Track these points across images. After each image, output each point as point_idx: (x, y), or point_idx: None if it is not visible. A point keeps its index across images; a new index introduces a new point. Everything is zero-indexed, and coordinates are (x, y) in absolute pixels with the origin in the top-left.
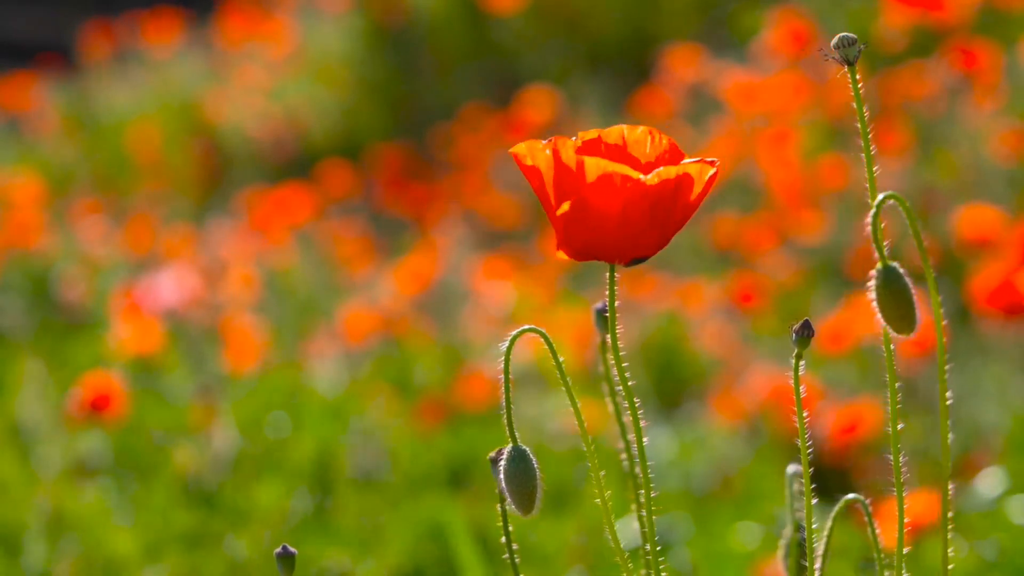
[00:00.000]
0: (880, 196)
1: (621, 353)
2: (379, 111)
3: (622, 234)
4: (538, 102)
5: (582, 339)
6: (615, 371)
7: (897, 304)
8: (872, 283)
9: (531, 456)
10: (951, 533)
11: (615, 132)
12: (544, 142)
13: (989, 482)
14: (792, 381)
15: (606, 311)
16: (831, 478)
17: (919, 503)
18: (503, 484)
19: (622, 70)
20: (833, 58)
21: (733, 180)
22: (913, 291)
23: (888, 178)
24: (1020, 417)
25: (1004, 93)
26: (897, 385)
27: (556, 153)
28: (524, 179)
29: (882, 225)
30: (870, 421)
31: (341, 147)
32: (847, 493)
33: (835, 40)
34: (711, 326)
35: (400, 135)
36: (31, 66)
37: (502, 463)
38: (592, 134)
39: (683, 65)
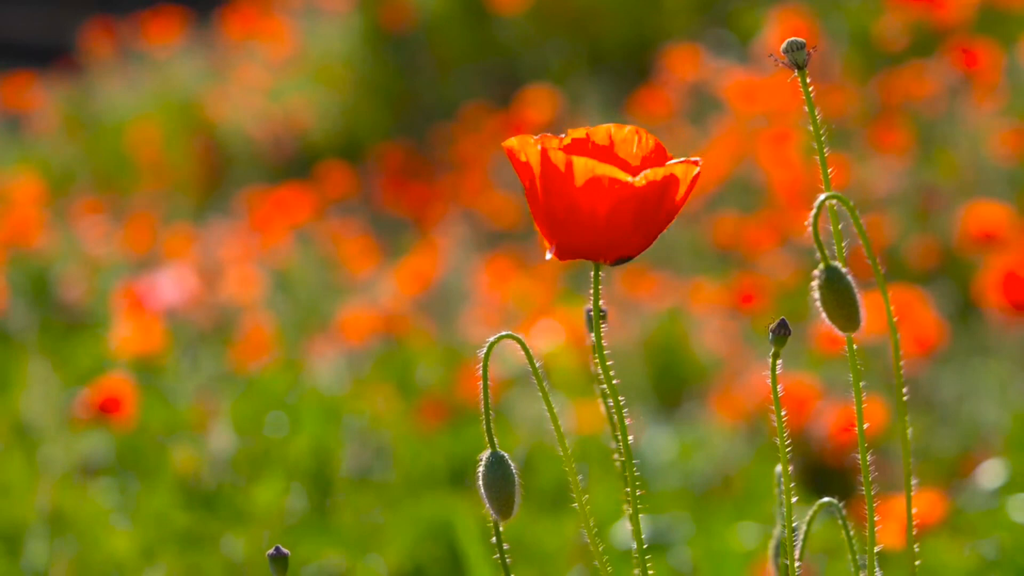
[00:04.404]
0: (821, 196)
1: (613, 352)
2: (379, 111)
3: (608, 234)
4: (539, 102)
5: (580, 339)
6: (606, 372)
7: (840, 303)
8: (815, 283)
9: (509, 461)
10: (951, 532)
11: (602, 131)
12: (535, 138)
13: (988, 475)
14: (793, 380)
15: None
16: (831, 477)
17: (916, 503)
18: (480, 490)
19: (623, 70)
20: (782, 63)
21: (733, 180)
22: (856, 289)
23: (889, 177)
24: (1020, 416)
25: (1004, 93)
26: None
27: (544, 152)
28: None
29: (823, 225)
30: (870, 420)
31: (341, 147)
32: (847, 492)
33: (784, 44)
34: (711, 326)
35: (400, 135)
36: (31, 66)
37: (480, 469)
38: (580, 133)
39: (683, 65)
